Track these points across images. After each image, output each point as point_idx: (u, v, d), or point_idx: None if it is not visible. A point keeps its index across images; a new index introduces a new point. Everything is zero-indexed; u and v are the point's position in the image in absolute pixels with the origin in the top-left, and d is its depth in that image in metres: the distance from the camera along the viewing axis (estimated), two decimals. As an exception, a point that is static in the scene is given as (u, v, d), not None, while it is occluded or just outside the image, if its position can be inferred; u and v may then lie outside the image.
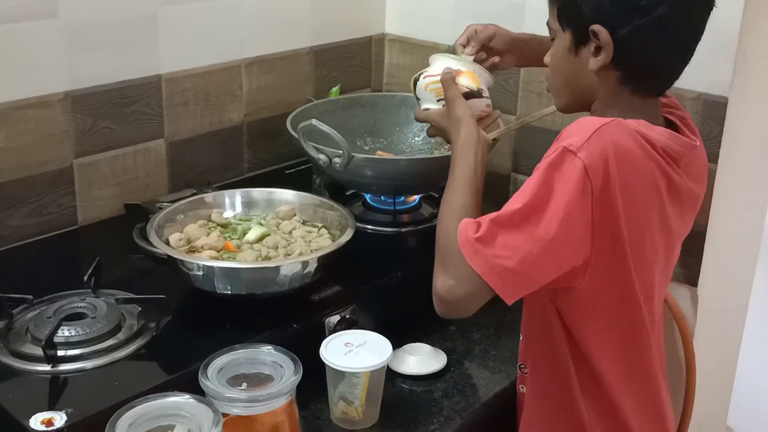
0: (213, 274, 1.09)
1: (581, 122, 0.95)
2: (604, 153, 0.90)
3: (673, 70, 1.00)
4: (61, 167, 1.34)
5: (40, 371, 0.99)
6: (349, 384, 1.03)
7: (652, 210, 0.97)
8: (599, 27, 0.96)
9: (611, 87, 1.00)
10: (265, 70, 1.59)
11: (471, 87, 1.13)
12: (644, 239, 0.97)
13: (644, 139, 0.94)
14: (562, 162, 0.90)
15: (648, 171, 0.95)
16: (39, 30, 1.27)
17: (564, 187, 0.89)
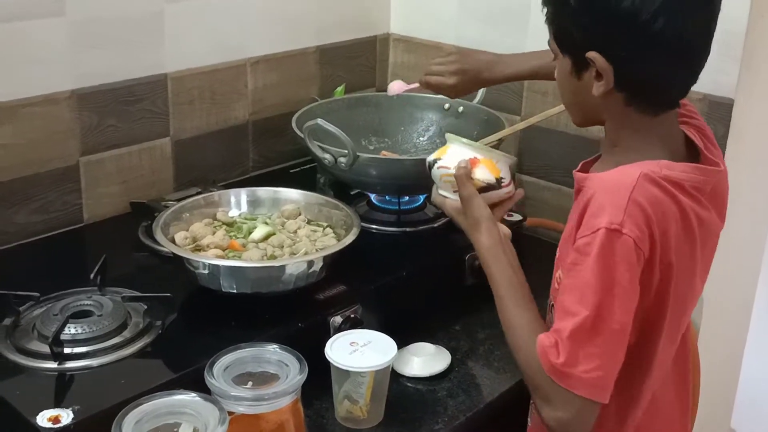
0: (218, 273, 1.10)
1: (608, 190, 0.90)
2: (645, 219, 0.88)
3: (682, 83, 0.95)
4: (67, 165, 1.35)
5: (47, 368, 1.00)
6: (354, 383, 1.03)
7: (690, 252, 0.94)
8: (594, 54, 0.91)
9: (618, 109, 0.95)
10: (270, 69, 1.60)
11: (489, 180, 1.05)
12: (681, 282, 0.94)
13: (672, 184, 0.91)
14: (612, 245, 0.87)
15: (682, 217, 0.92)
16: (46, 28, 1.27)
17: (623, 271, 0.87)
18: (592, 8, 0.90)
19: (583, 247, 0.89)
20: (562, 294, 0.92)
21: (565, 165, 1.58)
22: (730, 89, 1.33)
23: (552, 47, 0.99)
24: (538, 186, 1.62)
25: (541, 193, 1.62)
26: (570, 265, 0.91)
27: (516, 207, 1.61)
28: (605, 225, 0.87)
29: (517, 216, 1.45)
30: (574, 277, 0.90)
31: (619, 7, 0.87)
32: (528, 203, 1.63)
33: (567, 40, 0.95)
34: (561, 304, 0.92)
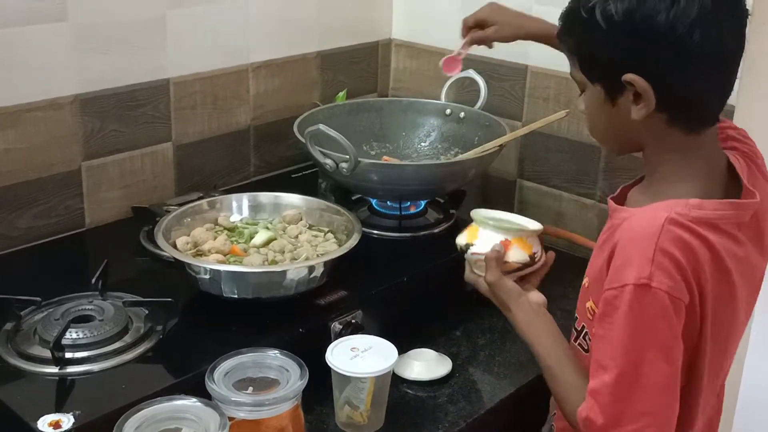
0: (220, 278, 1.10)
1: (634, 240, 0.87)
2: (676, 266, 0.85)
3: (721, 95, 0.92)
4: (69, 169, 1.35)
5: (48, 373, 1.00)
6: (355, 389, 1.03)
7: (729, 292, 0.91)
8: (632, 76, 0.88)
9: (660, 131, 0.91)
10: (272, 74, 1.60)
11: (523, 260, 1.08)
12: (720, 324, 0.92)
13: (702, 225, 0.87)
14: (643, 301, 0.84)
15: (714, 258, 0.88)
16: (49, 33, 1.28)
17: (659, 325, 0.85)
18: (625, 28, 0.86)
19: (612, 299, 0.87)
20: (596, 344, 0.91)
21: (566, 171, 1.58)
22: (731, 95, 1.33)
23: (578, 78, 0.95)
24: (539, 192, 1.62)
25: (542, 198, 1.62)
26: (601, 315, 0.90)
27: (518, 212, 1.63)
28: (633, 281, 0.85)
29: (518, 222, 1.45)
30: (606, 330, 0.88)
31: (654, 23, 0.85)
32: (529, 209, 1.64)
33: (598, 67, 0.92)
34: (595, 357, 0.90)
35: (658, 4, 0.85)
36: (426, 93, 1.70)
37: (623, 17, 0.86)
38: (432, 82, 1.70)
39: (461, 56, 1.45)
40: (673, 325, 0.86)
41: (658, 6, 0.85)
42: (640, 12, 0.85)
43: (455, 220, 1.44)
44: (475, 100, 1.54)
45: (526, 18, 1.37)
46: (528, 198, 1.65)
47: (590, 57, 0.93)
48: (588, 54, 0.93)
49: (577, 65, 0.94)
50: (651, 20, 0.85)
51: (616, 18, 0.86)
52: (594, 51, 0.91)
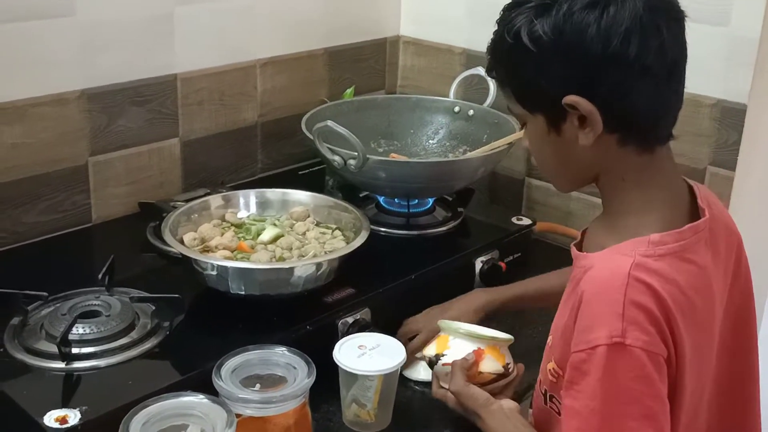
0: (227, 274, 1.09)
1: (599, 295, 0.79)
2: (648, 317, 0.77)
3: (672, 105, 0.85)
4: (76, 165, 1.35)
5: (54, 368, 1.00)
6: (362, 387, 1.03)
7: (705, 317, 0.86)
8: (573, 98, 0.80)
9: (613, 154, 0.84)
10: (279, 71, 1.59)
11: (497, 370, 1.05)
12: (702, 360, 0.86)
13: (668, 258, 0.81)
14: (618, 364, 0.76)
15: (688, 286, 0.82)
16: (56, 28, 1.27)
17: (639, 386, 0.77)
18: (556, 47, 0.80)
19: (580, 364, 0.79)
20: (566, 417, 0.82)
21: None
22: (743, 95, 1.32)
23: (517, 112, 0.88)
24: (548, 191, 1.61)
25: (550, 198, 1.61)
26: (568, 383, 0.81)
27: (526, 211, 1.63)
28: (604, 341, 0.77)
29: (526, 220, 1.44)
30: (574, 399, 0.80)
31: (585, 38, 0.78)
32: (537, 208, 1.63)
33: (534, 95, 0.85)
34: (571, 427, 0.81)
35: (586, 17, 0.78)
36: (434, 90, 1.69)
37: (552, 36, 0.79)
38: (440, 79, 1.70)
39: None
40: (654, 385, 0.78)
41: (587, 18, 0.78)
42: (568, 27, 0.79)
43: (463, 218, 1.44)
44: (483, 97, 1.53)
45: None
46: (536, 197, 1.64)
47: (525, 86, 0.85)
48: (522, 83, 0.85)
49: (513, 97, 0.87)
50: (582, 35, 0.78)
51: (544, 38, 0.80)
52: (528, 78, 0.84)
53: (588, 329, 0.79)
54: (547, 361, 0.91)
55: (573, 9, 0.79)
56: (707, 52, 1.33)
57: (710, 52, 1.32)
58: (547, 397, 0.93)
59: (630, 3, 0.79)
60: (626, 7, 0.79)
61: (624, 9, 0.79)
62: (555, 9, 0.80)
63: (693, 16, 0.90)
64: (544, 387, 0.94)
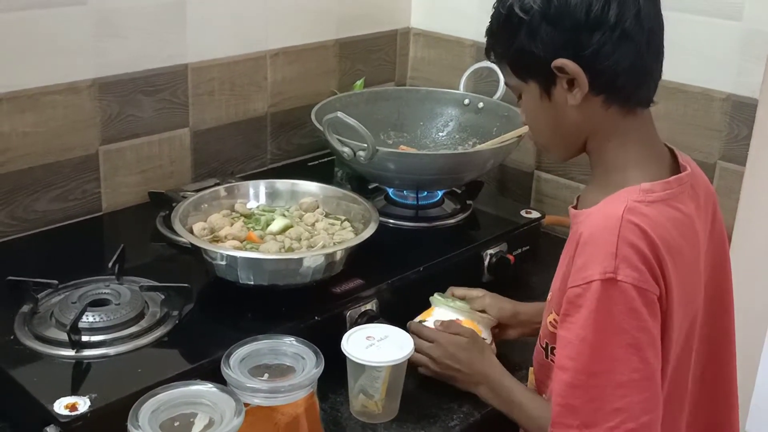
0: (236, 264, 1.10)
1: (595, 237, 0.86)
2: (640, 257, 0.83)
3: (652, 71, 0.92)
4: (87, 153, 1.35)
5: (64, 356, 1.00)
6: (370, 377, 1.03)
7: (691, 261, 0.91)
8: (561, 60, 0.88)
9: (599, 115, 0.91)
10: (290, 62, 1.60)
11: None
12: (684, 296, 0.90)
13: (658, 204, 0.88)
14: (611, 296, 0.82)
15: (676, 233, 0.88)
16: (68, 16, 1.28)
17: (628, 319, 0.83)
18: (545, 15, 0.88)
19: (575, 298, 0.85)
20: (559, 347, 0.88)
21: (585, 163, 1.55)
22: (754, 89, 1.32)
23: (513, 84, 0.96)
24: (557, 184, 1.61)
25: (559, 191, 1.61)
26: (563, 316, 0.87)
27: (535, 204, 1.63)
28: (598, 276, 0.83)
29: (535, 213, 1.44)
30: (567, 330, 0.86)
31: (570, 7, 0.87)
32: (546, 201, 1.63)
33: (527, 62, 0.92)
34: (558, 359, 0.88)
35: None
36: (444, 82, 1.69)
37: (541, 5, 0.88)
38: (450, 71, 1.69)
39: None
40: (642, 318, 0.83)
41: None
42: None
43: (472, 211, 1.44)
44: (493, 90, 1.53)
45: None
46: (545, 190, 1.64)
47: (519, 54, 0.92)
48: (516, 52, 0.92)
49: (509, 69, 0.95)
50: (567, 2, 0.87)
51: (535, 7, 0.88)
52: (521, 46, 0.91)
53: (584, 267, 0.85)
54: (548, 314, 0.96)
55: None
56: (719, 46, 1.32)
57: (722, 46, 1.32)
58: (548, 351, 0.98)
59: None
60: None
61: None
62: None
63: (706, 9, 0.91)
64: (545, 341, 0.98)
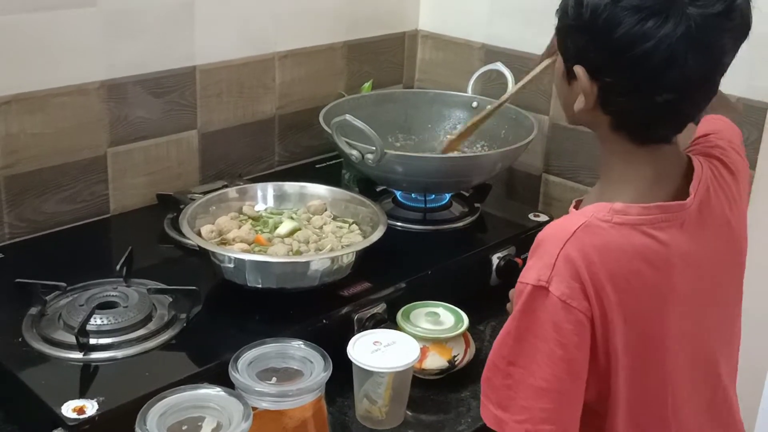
0: (244, 267, 1.09)
1: (545, 241, 0.86)
2: (574, 274, 0.82)
3: (678, 120, 0.87)
4: (95, 155, 1.35)
5: (72, 359, 1.00)
6: (374, 383, 1.02)
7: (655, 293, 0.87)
8: (579, 69, 0.85)
9: (604, 131, 0.89)
10: (298, 64, 1.59)
11: (441, 366, 1.12)
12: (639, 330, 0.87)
13: (624, 227, 0.84)
14: (537, 303, 0.83)
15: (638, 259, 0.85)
16: (77, 18, 1.28)
17: (548, 329, 0.83)
18: (585, 26, 0.84)
19: (518, 293, 0.86)
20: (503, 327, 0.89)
21: (594, 166, 1.56)
22: (764, 93, 1.31)
23: (553, 39, 0.95)
24: (565, 187, 1.61)
25: (568, 194, 1.60)
26: (513, 301, 0.89)
27: (543, 207, 1.62)
28: (533, 281, 0.84)
29: (543, 217, 1.44)
30: (510, 317, 0.87)
31: (611, 34, 0.81)
32: (554, 204, 1.62)
33: (563, 43, 0.90)
34: (498, 337, 0.88)
35: (625, 17, 0.80)
36: (452, 85, 1.69)
37: (590, 14, 0.83)
38: (458, 74, 1.69)
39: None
40: (563, 334, 0.83)
41: (625, 19, 0.80)
42: (605, 15, 0.81)
43: (480, 214, 1.43)
44: (502, 93, 1.51)
45: None
46: (553, 193, 1.63)
47: (559, 31, 0.90)
48: (558, 27, 0.90)
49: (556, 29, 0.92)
50: (612, 29, 0.81)
51: (583, 11, 0.84)
52: (561, 28, 0.89)
53: (528, 268, 0.86)
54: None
55: (621, 2, 0.81)
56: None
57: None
58: None
59: (671, 24, 0.80)
60: (665, 27, 0.80)
61: (662, 27, 0.80)
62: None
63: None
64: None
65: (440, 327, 1.14)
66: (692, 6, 0.80)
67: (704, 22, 0.80)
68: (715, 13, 0.80)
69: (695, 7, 0.80)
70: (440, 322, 1.15)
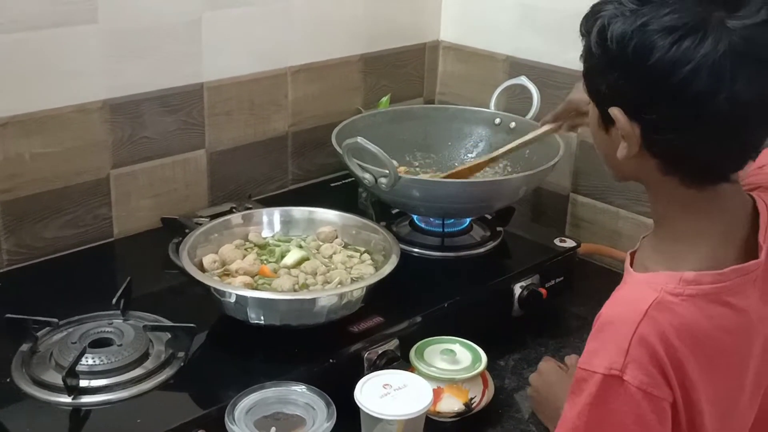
0: (246, 304, 1.03)
1: (613, 322, 0.76)
2: (653, 359, 0.73)
3: (733, 157, 0.77)
4: (98, 177, 1.30)
5: (61, 402, 0.94)
6: (383, 430, 0.95)
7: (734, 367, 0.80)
8: (616, 111, 0.76)
9: (654, 177, 0.79)
10: (312, 79, 1.53)
11: (457, 409, 1.05)
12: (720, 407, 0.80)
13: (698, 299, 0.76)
14: (610, 394, 0.74)
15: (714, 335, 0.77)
16: (78, 36, 1.22)
17: (627, 423, 0.74)
18: (613, 60, 0.74)
19: (580, 381, 0.77)
20: (560, 421, 0.80)
21: (624, 186, 1.47)
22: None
23: (583, 86, 0.83)
24: (594, 208, 1.52)
25: (597, 216, 1.51)
26: (571, 389, 0.79)
27: (570, 229, 1.54)
28: (603, 370, 0.75)
29: (570, 242, 1.35)
30: (569, 408, 0.78)
31: (645, 63, 0.72)
32: (583, 226, 1.53)
33: (593, 87, 0.80)
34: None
35: (657, 40, 0.71)
36: (475, 99, 1.61)
37: (616, 45, 0.73)
38: (481, 87, 1.61)
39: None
40: (648, 426, 0.74)
41: (658, 42, 0.71)
42: (634, 43, 0.72)
43: (502, 239, 1.35)
44: (527, 109, 1.44)
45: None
46: (582, 214, 1.54)
47: (586, 72, 0.80)
48: (586, 68, 0.80)
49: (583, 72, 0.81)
50: (645, 57, 0.72)
51: (609, 44, 0.74)
52: (589, 68, 0.79)
53: (593, 353, 0.77)
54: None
55: (649, 25, 0.72)
56: None
57: None
58: None
59: (710, 41, 0.70)
60: (704, 45, 0.70)
61: (700, 46, 0.70)
62: (634, 17, 0.73)
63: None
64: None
65: (456, 366, 1.07)
66: (732, 19, 0.71)
67: (749, 35, 0.71)
68: (759, 23, 0.71)
69: (735, 20, 0.71)
70: (456, 360, 1.08)
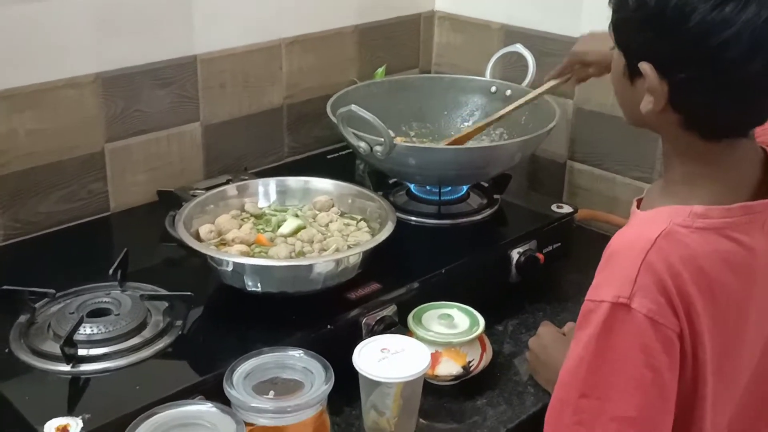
0: (243, 271, 1.03)
1: (621, 252, 0.78)
2: (660, 288, 0.74)
3: (757, 115, 0.80)
4: (92, 152, 1.30)
5: (60, 371, 0.94)
6: (381, 394, 0.95)
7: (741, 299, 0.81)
8: (647, 67, 0.77)
9: (673, 131, 0.81)
10: (306, 50, 1.52)
11: (456, 372, 1.05)
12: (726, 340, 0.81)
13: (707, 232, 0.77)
14: (617, 322, 0.75)
15: (723, 268, 0.78)
16: (69, 9, 1.21)
17: (634, 351, 0.75)
18: (651, 18, 0.76)
19: (587, 313, 0.78)
20: (565, 359, 0.82)
21: (621, 153, 1.47)
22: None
23: (610, 33, 0.84)
24: (591, 175, 1.51)
25: (594, 183, 1.51)
26: (577, 326, 0.81)
27: (568, 197, 1.53)
28: (610, 299, 0.76)
29: (567, 208, 1.34)
30: (575, 343, 0.80)
31: (684, 24, 0.73)
32: (580, 194, 1.53)
33: (622, 37, 0.81)
34: (562, 370, 0.81)
35: (698, 4, 0.73)
36: (471, 68, 1.59)
37: (654, 4, 0.75)
38: (477, 57, 1.60)
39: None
40: (653, 354, 0.75)
41: (698, 5, 0.73)
42: (673, 3, 0.74)
43: (499, 206, 1.35)
44: (522, 76, 1.43)
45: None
46: (579, 182, 1.54)
47: (619, 24, 0.81)
48: (617, 19, 0.81)
49: (612, 23, 0.83)
50: (683, 18, 0.73)
51: (647, 1, 0.75)
52: (622, 20, 0.80)
53: (601, 284, 0.78)
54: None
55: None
56: None
57: None
58: None
59: (753, 7, 0.72)
60: (746, 11, 0.72)
61: (743, 12, 0.72)
62: None
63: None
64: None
65: (454, 330, 1.07)
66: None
67: None
68: None
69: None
70: (454, 325, 1.08)
